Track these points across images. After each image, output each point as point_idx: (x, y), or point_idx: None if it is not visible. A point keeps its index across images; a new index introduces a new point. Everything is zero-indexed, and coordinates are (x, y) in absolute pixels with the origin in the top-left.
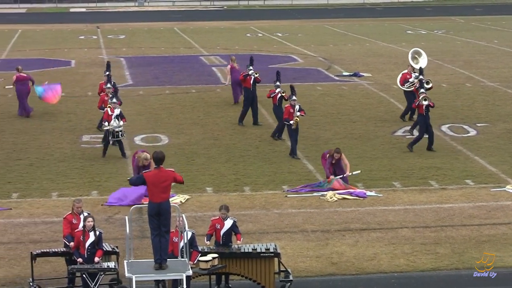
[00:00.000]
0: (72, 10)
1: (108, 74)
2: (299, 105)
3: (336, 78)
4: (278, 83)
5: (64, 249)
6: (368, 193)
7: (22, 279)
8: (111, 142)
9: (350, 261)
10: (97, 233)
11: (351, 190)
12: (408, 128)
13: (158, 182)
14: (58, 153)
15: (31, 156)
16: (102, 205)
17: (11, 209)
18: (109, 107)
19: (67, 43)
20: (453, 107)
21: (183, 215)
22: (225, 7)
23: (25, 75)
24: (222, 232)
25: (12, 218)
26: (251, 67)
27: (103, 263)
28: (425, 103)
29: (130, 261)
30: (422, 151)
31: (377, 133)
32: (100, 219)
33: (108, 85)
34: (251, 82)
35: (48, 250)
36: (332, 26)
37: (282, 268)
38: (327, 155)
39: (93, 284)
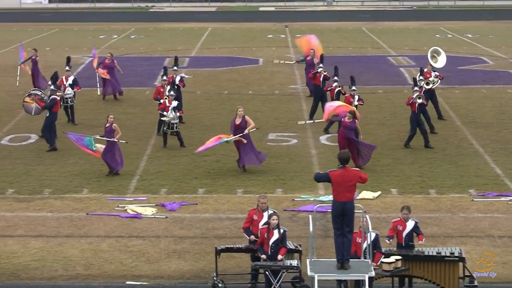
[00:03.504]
0: (261, 9)
1: (164, 67)
2: (358, 95)
3: None
4: (336, 78)
5: (243, 245)
6: None
7: (207, 273)
8: (168, 133)
9: None
10: (281, 231)
11: None
12: None
13: (344, 181)
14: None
15: (217, 153)
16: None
17: (197, 204)
18: (166, 98)
19: (255, 41)
20: None
21: (367, 215)
22: (414, 7)
23: (109, 61)
24: (404, 233)
25: (198, 213)
26: (321, 65)
27: (286, 261)
28: (419, 101)
29: (312, 260)
30: None
31: None
32: (284, 217)
33: (164, 77)
34: (321, 79)
35: (232, 246)
36: None
37: (467, 273)
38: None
39: (275, 281)
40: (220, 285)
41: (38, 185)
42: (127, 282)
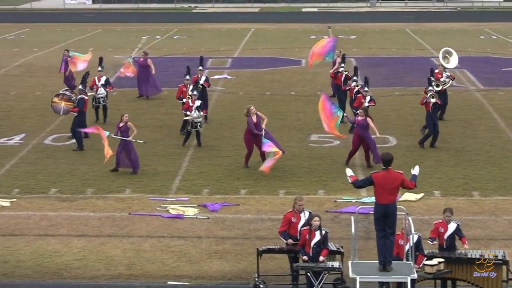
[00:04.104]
0: (304, 10)
1: (187, 67)
2: (370, 96)
3: None
4: (355, 78)
5: (285, 246)
6: None
7: (248, 274)
8: (192, 131)
9: None
10: (323, 232)
11: None
12: None
13: (386, 183)
14: (286, 151)
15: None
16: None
17: (239, 205)
18: (189, 97)
19: (298, 42)
20: None
21: (409, 217)
22: (458, 8)
23: (143, 60)
24: (445, 236)
25: (239, 213)
26: (343, 65)
27: (328, 263)
28: (433, 100)
29: (354, 261)
30: None
31: None
32: (326, 219)
33: (187, 77)
34: (342, 79)
35: (273, 247)
36: None
37: (511, 277)
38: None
39: (317, 282)
40: (261, 286)
41: (81, 184)
42: (169, 282)
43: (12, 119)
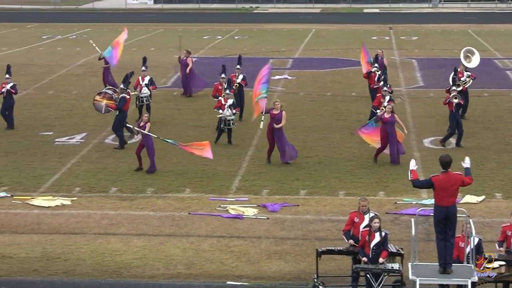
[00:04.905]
0: (365, 10)
1: (223, 65)
2: (390, 96)
3: None
4: (382, 76)
5: (344, 248)
6: None
7: (307, 275)
8: (224, 130)
9: None
10: (383, 234)
11: None
12: None
13: (447, 186)
14: (346, 152)
15: (320, 154)
16: None
17: (298, 205)
18: (223, 96)
19: (359, 43)
20: None
21: (471, 220)
22: None
23: (184, 58)
24: None
25: (299, 214)
26: (376, 65)
27: (388, 264)
28: (455, 101)
29: (414, 263)
30: None
31: None
32: (386, 220)
33: (223, 75)
34: (376, 79)
35: (333, 248)
36: None
37: None
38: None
39: (376, 284)
40: (320, 287)
41: (141, 184)
42: (228, 282)
43: (73, 118)
